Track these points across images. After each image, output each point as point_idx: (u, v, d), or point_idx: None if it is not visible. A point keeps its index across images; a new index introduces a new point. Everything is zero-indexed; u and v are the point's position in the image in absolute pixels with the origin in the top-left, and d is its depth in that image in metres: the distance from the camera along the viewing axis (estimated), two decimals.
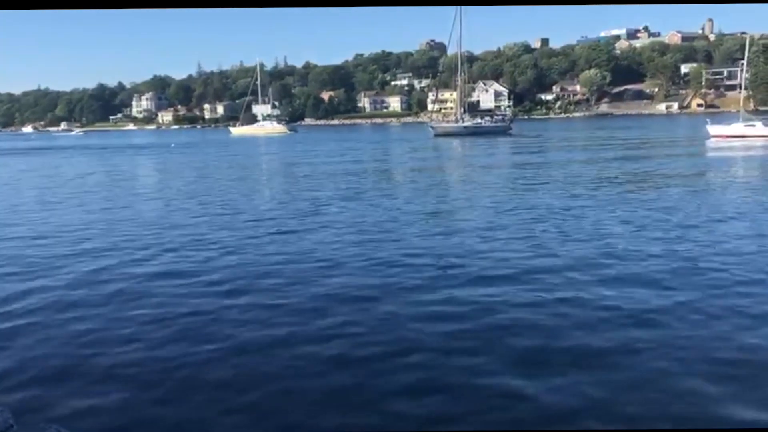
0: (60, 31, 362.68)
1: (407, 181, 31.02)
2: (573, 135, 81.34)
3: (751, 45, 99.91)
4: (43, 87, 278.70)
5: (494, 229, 16.23)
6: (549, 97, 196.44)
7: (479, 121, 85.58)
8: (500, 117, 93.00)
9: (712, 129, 57.63)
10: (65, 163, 55.00)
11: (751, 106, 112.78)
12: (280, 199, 24.29)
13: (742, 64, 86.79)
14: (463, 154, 51.66)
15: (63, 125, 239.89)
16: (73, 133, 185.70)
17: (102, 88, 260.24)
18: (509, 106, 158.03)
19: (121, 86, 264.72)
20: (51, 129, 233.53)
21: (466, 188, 26.92)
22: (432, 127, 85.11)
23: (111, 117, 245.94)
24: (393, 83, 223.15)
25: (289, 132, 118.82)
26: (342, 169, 37.68)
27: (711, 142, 53.36)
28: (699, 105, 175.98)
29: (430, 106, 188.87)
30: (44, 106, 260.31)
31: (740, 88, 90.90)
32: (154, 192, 29.18)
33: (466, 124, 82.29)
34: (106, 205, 23.74)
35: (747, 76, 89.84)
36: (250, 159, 55.75)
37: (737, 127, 56.48)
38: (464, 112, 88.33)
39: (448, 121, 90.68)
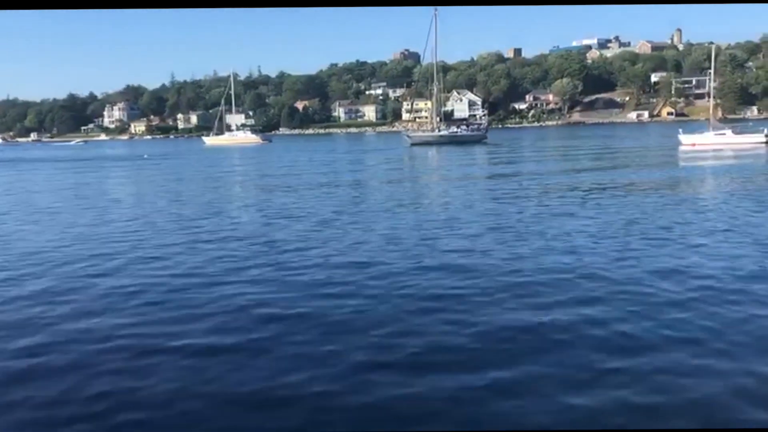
0: (30, 40, 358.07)
1: (389, 201, 25.74)
2: (548, 144, 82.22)
3: (717, 55, 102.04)
4: (11, 97, 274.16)
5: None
6: (522, 106, 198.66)
7: (455, 129, 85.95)
8: (476, 126, 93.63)
9: (685, 138, 58.68)
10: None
11: (719, 114, 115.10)
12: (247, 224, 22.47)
13: (710, 73, 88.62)
14: (443, 166, 51.14)
15: (33, 136, 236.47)
16: (72, 143, 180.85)
17: (73, 98, 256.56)
18: (484, 115, 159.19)
19: (92, 96, 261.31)
20: (20, 140, 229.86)
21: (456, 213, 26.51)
22: (408, 136, 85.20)
23: (83, 127, 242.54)
24: (368, 93, 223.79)
25: (262, 142, 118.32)
26: (317, 190, 36.41)
27: (683, 150, 54.50)
28: (669, 113, 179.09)
29: (404, 116, 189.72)
30: (13, 117, 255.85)
31: (708, 96, 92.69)
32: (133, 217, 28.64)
33: (442, 132, 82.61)
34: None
35: (715, 85, 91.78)
36: (223, 174, 55.36)
37: (708, 136, 57.59)
38: (440, 121, 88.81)
39: (424, 130, 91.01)
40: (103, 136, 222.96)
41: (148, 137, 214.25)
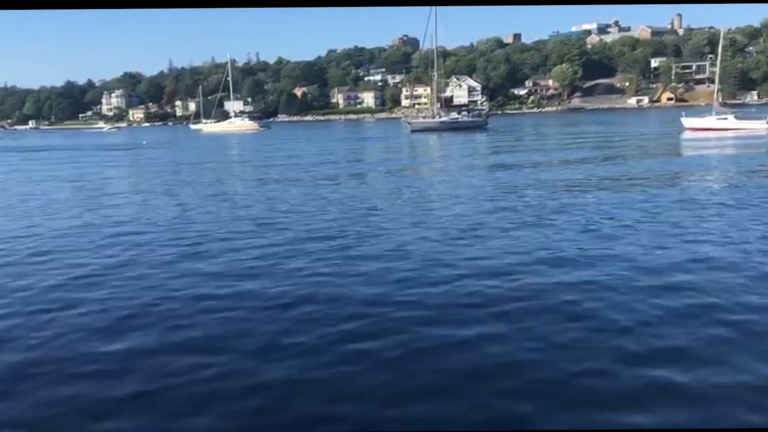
0: (27, 27, 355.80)
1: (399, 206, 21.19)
2: (551, 131, 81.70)
3: (718, 39, 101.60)
4: (9, 85, 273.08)
5: None
6: (522, 91, 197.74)
7: (456, 116, 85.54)
8: (477, 112, 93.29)
9: (687, 122, 58.64)
10: None
11: (720, 99, 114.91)
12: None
13: (711, 58, 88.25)
14: (454, 156, 50.04)
15: (31, 123, 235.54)
16: (104, 129, 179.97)
17: (71, 85, 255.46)
18: (485, 101, 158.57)
19: (90, 84, 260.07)
20: (18, 127, 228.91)
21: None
22: (408, 123, 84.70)
23: (81, 115, 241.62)
24: (366, 79, 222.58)
25: (260, 129, 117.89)
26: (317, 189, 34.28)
27: (686, 134, 54.44)
28: (669, 99, 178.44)
29: (404, 102, 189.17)
30: (12, 105, 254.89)
31: (709, 82, 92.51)
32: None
33: (443, 119, 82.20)
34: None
35: (715, 70, 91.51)
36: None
37: (710, 120, 57.55)
38: (440, 107, 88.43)
39: (424, 117, 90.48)
40: (101, 124, 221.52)
41: (147, 124, 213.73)
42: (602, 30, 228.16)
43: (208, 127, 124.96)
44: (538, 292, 10.44)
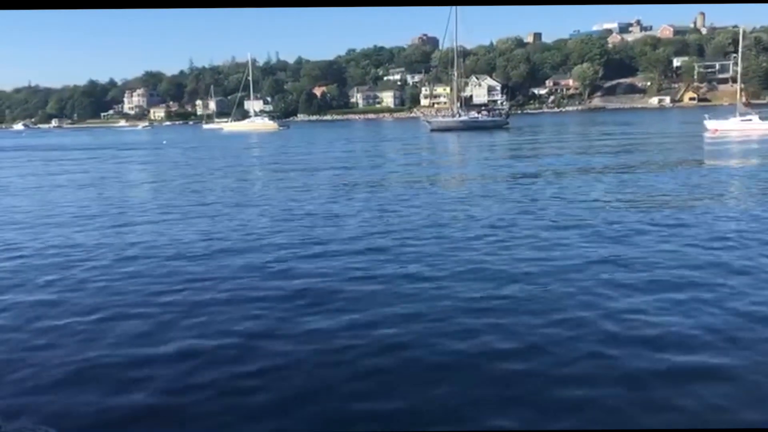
0: (50, 27, 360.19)
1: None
2: (573, 130, 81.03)
3: (742, 38, 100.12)
4: (33, 84, 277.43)
5: None
6: (542, 91, 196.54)
7: (476, 115, 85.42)
8: (497, 111, 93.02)
9: (710, 124, 57.98)
10: None
11: (743, 99, 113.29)
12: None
13: (735, 57, 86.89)
14: (482, 158, 48.78)
15: (54, 122, 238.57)
16: (138, 127, 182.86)
17: (93, 84, 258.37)
18: (505, 101, 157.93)
19: (112, 82, 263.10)
20: (42, 126, 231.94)
21: None
22: (428, 122, 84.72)
23: (102, 113, 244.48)
24: (386, 78, 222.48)
25: (279, 128, 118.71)
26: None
27: (709, 136, 53.74)
28: (691, 99, 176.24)
29: (423, 101, 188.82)
30: (35, 103, 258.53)
31: (733, 81, 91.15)
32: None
33: (462, 118, 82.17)
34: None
35: (738, 69, 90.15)
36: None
37: (734, 122, 56.82)
38: (460, 106, 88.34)
39: (443, 116, 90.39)
40: (122, 122, 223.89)
41: (168, 123, 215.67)
42: (624, 29, 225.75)
43: (229, 126, 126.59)
44: None
